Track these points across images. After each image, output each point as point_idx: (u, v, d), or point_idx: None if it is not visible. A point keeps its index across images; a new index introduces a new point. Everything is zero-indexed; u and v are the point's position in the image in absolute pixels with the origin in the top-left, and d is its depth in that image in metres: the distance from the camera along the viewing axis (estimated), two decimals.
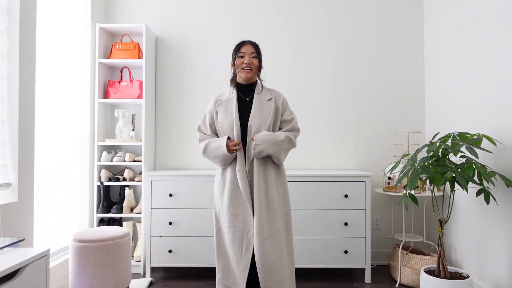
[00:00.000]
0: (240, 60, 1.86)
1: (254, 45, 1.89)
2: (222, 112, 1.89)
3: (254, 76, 1.91)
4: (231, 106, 1.88)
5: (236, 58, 1.88)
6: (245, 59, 1.84)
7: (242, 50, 1.86)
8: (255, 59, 1.87)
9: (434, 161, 2.13)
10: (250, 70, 1.86)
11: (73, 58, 2.83)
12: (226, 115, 1.87)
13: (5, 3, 1.94)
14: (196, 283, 2.66)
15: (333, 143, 3.17)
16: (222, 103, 1.91)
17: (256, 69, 1.89)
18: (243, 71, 1.86)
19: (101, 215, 2.90)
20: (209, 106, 1.97)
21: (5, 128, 1.93)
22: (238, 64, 1.87)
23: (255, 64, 1.87)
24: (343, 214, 2.67)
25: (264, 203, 1.82)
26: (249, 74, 1.86)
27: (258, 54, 1.88)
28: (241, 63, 1.86)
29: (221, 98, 1.94)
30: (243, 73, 1.86)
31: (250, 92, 1.91)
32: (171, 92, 3.20)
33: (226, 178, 1.88)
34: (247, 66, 1.84)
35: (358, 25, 3.19)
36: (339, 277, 2.79)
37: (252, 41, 1.91)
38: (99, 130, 2.95)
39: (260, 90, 1.92)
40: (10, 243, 1.43)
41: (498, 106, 2.20)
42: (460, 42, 2.61)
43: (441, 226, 2.19)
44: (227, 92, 1.96)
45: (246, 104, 1.89)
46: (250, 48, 1.86)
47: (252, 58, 1.85)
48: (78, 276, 2.12)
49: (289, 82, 3.18)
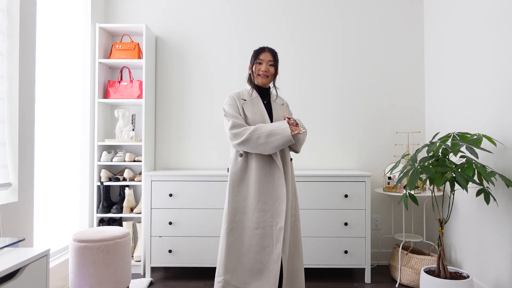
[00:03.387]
0: (258, 66, 1.97)
1: (272, 53, 1.99)
2: (249, 110, 1.94)
3: (270, 82, 2.02)
4: (258, 105, 1.96)
5: (255, 64, 1.98)
6: (263, 66, 1.95)
7: (261, 57, 1.96)
8: (271, 67, 1.97)
9: (434, 161, 2.13)
10: (266, 77, 1.97)
11: (73, 58, 2.83)
12: (255, 113, 1.93)
13: (5, 3, 1.94)
14: (196, 283, 2.66)
15: (333, 143, 3.17)
16: (247, 102, 1.96)
17: (272, 76, 2.00)
18: (259, 77, 1.98)
19: (101, 215, 2.90)
20: (230, 101, 1.96)
21: (5, 128, 1.93)
22: (256, 69, 1.98)
23: (271, 72, 1.98)
24: (343, 214, 2.67)
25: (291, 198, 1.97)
26: (265, 80, 1.98)
27: (275, 61, 1.99)
28: (259, 70, 1.97)
29: (243, 97, 1.98)
30: (259, 79, 1.98)
31: (265, 95, 2.03)
32: (171, 92, 3.20)
33: (251, 174, 1.91)
34: (263, 73, 1.96)
35: (358, 25, 3.19)
36: (339, 277, 2.79)
37: (271, 48, 2.00)
38: (99, 130, 2.95)
39: (275, 95, 2.07)
40: (10, 243, 1.42)
41: (498, 106, 2.20)
42: (460, 42, 2.61)
43: (441, 226, 2.19)
44: (246, 92, 2.00)
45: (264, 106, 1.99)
46: (268, 56, 1.96)
47: (269, 66, 1.96)
48: (78, 276, 2.13)
49: (289, 82, 3.18)
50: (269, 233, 1.88)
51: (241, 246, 1.89)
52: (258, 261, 1.87)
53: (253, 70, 1.99)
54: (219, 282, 1.87)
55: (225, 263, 1.88)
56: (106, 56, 3.04)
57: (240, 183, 1.92)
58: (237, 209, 1.92)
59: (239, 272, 1.87)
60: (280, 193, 1.89)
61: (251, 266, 1.87)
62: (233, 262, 1.88)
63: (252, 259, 1.87)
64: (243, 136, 1.84)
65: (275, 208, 1.89)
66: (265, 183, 1.90)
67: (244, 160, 1.93)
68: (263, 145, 1.84)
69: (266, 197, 1.89)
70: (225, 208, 1.94)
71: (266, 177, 1.90)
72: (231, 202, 1.93)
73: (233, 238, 1.90)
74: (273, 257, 1.86)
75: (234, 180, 1.93)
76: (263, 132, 1.84)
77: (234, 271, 1.87)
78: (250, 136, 1.84)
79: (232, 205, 1.92)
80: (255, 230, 1.88)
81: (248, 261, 1.87)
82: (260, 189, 1.89)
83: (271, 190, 1.90)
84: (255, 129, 1.85)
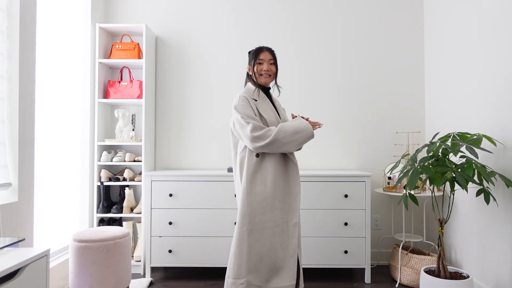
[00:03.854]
0: (260, 66, 2.00)
1: (271, 52, 2.03)
2: (264, 110, 1.96)
3: (272, 80, 2.07)
4: (268, 105, 2.01)
5: (256, 64, 2.00)
6: (264, 65, 1.99)
7: (261, 57, 2.00)
8: (272, 66, 2.02)
9: (434, 161, 2.13)
10: (269, 76, 2.02)
11: (73, 58, 2.83)
12: (269, 113, 1.97)
13: (5, 3, 1.94)
14: (196, 283, 2.66)
15: (333, 143, 3.17)
16: (259, 102, 1.98)
17: (274, 74, 2.05)
18: (262, 77, 2.01)
19: (101, 215, 2.90)
20: (243, 101, 1.94)
21: (5, 128, 1.93)
22: (258, 70, 2.01)
23: (272, 70, 2.03)
24: (343, 214, 2.67)
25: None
26: (268, 79, 2.02)
27: (275, 60, 2.03)
28: (261, 70, 2.00)
29: (254, 97, 1.99)
30: (262, 79, 2.01)
31: (268, 95, 2.08)
32: (171, 92, 3.20)
33: (268, 174, 1.92)
34: (266, 73, 2.00)
35: (358, 25, 3.19)
36: (339, 277, 2.79)
37: (269, 47, 2.04)
38: (99, 130, 2.95)
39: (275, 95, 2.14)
40: (10, 243, 1.42)
41: (498, 106, 2.20)
42: (460, 42, 2.61)
43: (441, 226, 2.19)
44: (253, 92, 2.00)
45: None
46: (268, 55, 2.00)
47: (270, 65, 2.01)
48: (78, 276, 2.13)
49: (288, 83, 3.18)
50: (285, 230, 1.93)
51: (263, 246, 1.90)
52: (278, 258, 1.90)
53: (255, 70, 2.01)
54: (241, 284, 1.86)
55: (247, 264, 1.87)
56: (106, 56, 3.04)
57: (258, 184, 1.92)
58: (256, 210, 1.91)
59: (261, 271, 1.89)
60: (294, 191, 1.94)
61: (271, 265, 1.90)
62: (255, 262, 1.89)
63: (273, 257, 1.90)
64: (269, 138, 1.85)
65: (289, 205, 1.94)
66: (282, 182, 1.94)
67: (261, 160, 1.93)
68: (288, 144, 1.88)
69: (283, 195, 1.94)
70: (242, 209, 1.91)
71: (282, 175, 1.94)
72: (250, 204, 1.91)
73: (255, 239, 1.90)
74: (289, 252, 1.91)
75: (252, 181, 1.92)
76: (287, 131, 1.88)
77: (256, 271, 1.89)
78: (276, 137, 1.86)
79: (252, 206, 1.91)
80: (275, 228, 1.92)
81: (269, 260, 1.90)
82: (278, 188, 1.92)
83: (288, 188, 1.95)
84: (279, 130, 1.87)
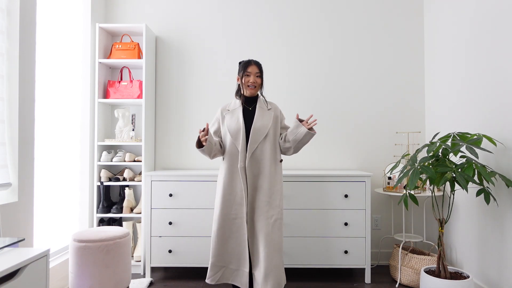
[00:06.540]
0: (247, 78, 2.21)
1: (258, 65, 2.23)
2: (229, 119, 2.22)
3: (257, 91, 2.27)
4: (237, 113, 2.22)
5: (244, 76, 2.21)
6: (251, 78, 2.20)
7: (249, 70, 2.20)
8: (258, 78, 2.23)
9: (434, 161, 2.13)
10: (254, 87, 2.22)
11: (73, 58, 2.83)
12: (233, 121, 2.20)
13: (5, 3, 1.94)
14: (196, 283, 2.66)
15: (333, 143, 3.17)
16: (229, 112, 2.25)
17: (259, 86, 2.26)
18: (248, 88, 2.22)
19: (101, 215, 2.90)
20: (217, 114, 2.31)
21: (5, 128, 1.93)
22: (245, 81, 2.21)
23: (258, 82, 2.23)
24: (343, 214, 2.67)
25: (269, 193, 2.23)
26: (253, 91, 2.23)
27: (261, 73, 2.24)
28: (248, 81, 2.20)
29: (228, 108, 2.28)
30: (248, 90, 2.22)
31: (253, 103, 2.26)
32: (171, 92, 3.20)
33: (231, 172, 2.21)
34: (252, 84, 2.20)
35: (358, 25, 3.19)
36: (339, 277, 2.79)
37: (257, 61, 2.25)
38: (99, 130, 2.95)
39: (262, 102, 2.29)
40: (10, 243, 1.42)
41: (498, 106, 2.20)
42: (460, 42, 2.61)
43: (441, 226, 2.19)
44: (233, 103, 2.29)
45: (250, 112, 2.23)
46: (255, 69, 2.21)
47: (256, 78, 2.21)
48: (78, 276, 2.12)
49: (288, 83, 3.18)
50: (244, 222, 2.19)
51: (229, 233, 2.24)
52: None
53: (243, 81, 2.22)
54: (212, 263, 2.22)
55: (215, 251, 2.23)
56: (106, 56, 3.04)
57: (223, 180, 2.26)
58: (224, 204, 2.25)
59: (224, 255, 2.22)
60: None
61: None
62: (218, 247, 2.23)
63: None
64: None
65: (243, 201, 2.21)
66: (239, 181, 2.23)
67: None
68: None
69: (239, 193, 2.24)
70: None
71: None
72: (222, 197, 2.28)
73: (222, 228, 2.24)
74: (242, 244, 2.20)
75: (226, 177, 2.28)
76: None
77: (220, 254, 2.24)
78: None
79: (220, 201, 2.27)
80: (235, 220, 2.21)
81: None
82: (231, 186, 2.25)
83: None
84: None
